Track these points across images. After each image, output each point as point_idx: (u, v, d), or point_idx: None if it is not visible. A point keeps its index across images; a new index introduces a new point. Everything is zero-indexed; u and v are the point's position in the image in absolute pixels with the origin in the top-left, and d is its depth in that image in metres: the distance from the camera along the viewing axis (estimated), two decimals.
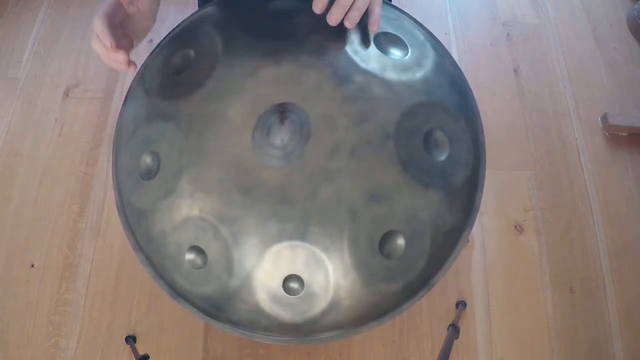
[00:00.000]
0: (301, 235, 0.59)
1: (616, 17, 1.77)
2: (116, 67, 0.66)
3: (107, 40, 0.64)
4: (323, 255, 0.59)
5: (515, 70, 1.65)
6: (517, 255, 1.37)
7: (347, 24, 0.64)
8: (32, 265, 1.32)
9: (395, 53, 0.67)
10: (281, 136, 0.59)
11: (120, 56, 0.65)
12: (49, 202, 1.40)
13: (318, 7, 0.63)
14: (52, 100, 1.55)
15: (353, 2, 0.64)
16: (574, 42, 1.72)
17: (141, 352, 1.14)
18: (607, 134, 1.55)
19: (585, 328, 1.29)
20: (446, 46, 0.77)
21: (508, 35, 1.72)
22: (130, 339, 1.21)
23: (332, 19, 0.64)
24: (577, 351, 1.27)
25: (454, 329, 1.10)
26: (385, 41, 0.67)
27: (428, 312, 1.28)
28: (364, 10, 0.64)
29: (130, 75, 1.53)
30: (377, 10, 0.67)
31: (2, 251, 1.34)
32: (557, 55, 1.69)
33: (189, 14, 0.77)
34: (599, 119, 1.57)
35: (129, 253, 1.30)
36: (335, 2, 0.64)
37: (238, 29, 0.67)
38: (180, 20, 0.77)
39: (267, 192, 0.59)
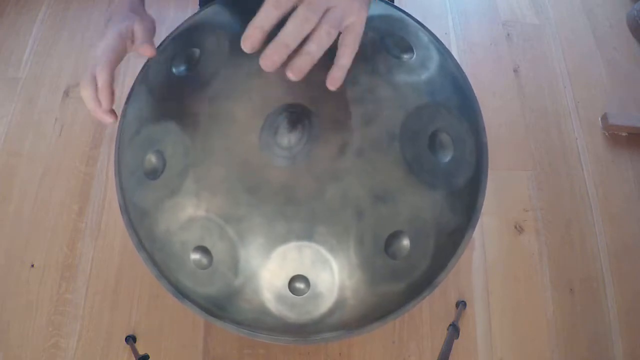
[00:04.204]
0: (308, 235, 0.59)
1: (616, 17, 1.78)
2: (98, 119, 0.61)
3: (107, 101, 0.59)
4: (329, 255, 0.59)
5: (515, 70, 1.65)
6: (517, 255, 1.37)
7: (289, 75, 0.49)
8: (32, 265, 1.32)
9: (401, 55, 0.67)
10: (288, 136, 0.59)
11: (109, 119, 0.61)
12: (49, 202, 1.40)
13: (247, 44, 0.49)
14: (52, 100, 1.55)
15: (305, 43, 0.49)
16: (574, 42, 1.72)
17: (141, 352, 1.14)
18: (607, 134, 1.55)
19: (585, 328, 1.29)
20: (446, 46, 0.77)
21: (508, 35, 1.72)
22: (130, 339, 1.21)
23: (266, 63, 0.48)
24: (577, 351, 1.27)
25: (454, 329, 1.10)
26: (391, 43, 0.67)
27: (428, 312, 1.28)
28: (318, 56, 0.49)
29: (131, 75, 1.53)
30: (346, 59, 0.51)
31: (2, 251, 1.34)
32: (557, 55, 1.69)
33: (190, 14, 0.77)
34: (599, 119, 1.57)
35: (129, 253, 1.31)
36: (274, 39, 0.48)
37: (244, 29, 0.67)
38: (180, 21, 0.77)
39: (274, 192, 0.59)
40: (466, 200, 0.67)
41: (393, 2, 1.00)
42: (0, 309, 1.27)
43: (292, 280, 0.60)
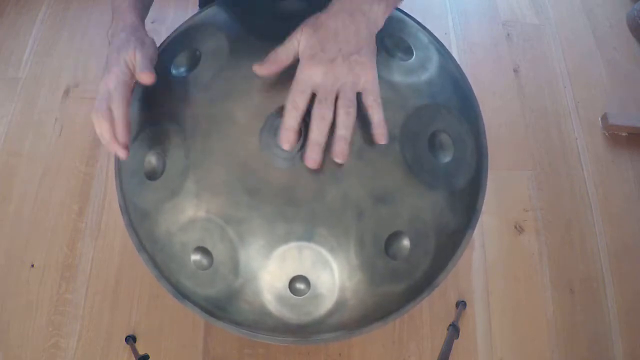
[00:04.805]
0: (308, 236, 0.59)
1: (616, 17, 1.78)
2: (112, 152, 0.61)
3: (125, 137, 0.59)
4: (329, 256, 0.59)
5: (515, 70, 1.65)
6: (517, 255, 1.37)
7: (338, 161, 0.55)
8: (32, 265, 1.32)
9: (401, 56, 0.67)
10: None
11: (124, 154, 0.61)
12: (49, 202, 1.40)
13: (287, 146, 0.55)
14: (52, 100, 1.55)
15: (335, 131, 0.54)
16: (574, 42, 1.72)
17: (141, 352, 1.14)
18: (607, 134, 1.55)
19: (585, 328, 1.29)
20: (446, 46, 0.77)
21: (508, 35, 1.72)
22: (130, 339, 1.21)
23: (311, 164, 0.55)
24: (577, 351, 1.27)
25: (454, 329, 1.10)
26: (390, 44, 0.67)
27: (428, 312, 1.28)
28: (350, 135, 0.54)
29: None
30: (378, 116, 0.56)
31: (2, 251, 1.34)
32: (557, 55, 1.69)
33: (190, 15, 0.77)
34: (599, 119, 1.57)
35: (129, 253, 1.31)
36: (308, 142, 0.55)
37: (244, 30, 0.67)
38: (180, 21, 0.77)
39: (274, 193, 0.59)
40: (466, 201, 0.67)
41: None
42: (0, 309, 1.27)
43: (293, 281, 0.60)
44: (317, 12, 0.59)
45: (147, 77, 0.60)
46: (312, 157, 0.54)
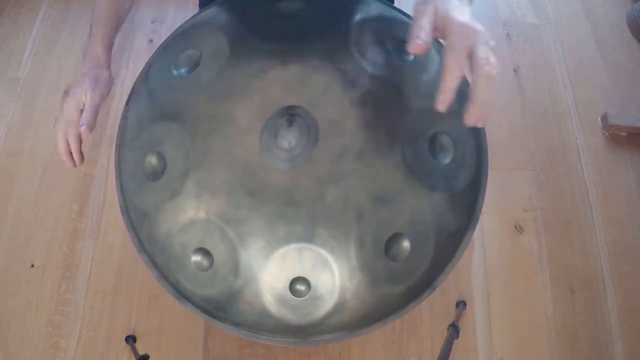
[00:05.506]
0: (308, 237, 0.59)
1: (616, 17, 1.77)
2: (62, 157, 0.74)
3: (79, 162, 0.74)
4: (329, 258, 0.59)
5: (515, 70, 1.65)
6: (517, 255, 1.37)
7: (481, 124, 0.54)
8: (32, 265, 1.32)
9: (401, 57, 0.67)
10: (289, 139, 0.59)
11: (75, 164, 0.75)
12: (49, 202, 1.40)
13: (444, 106, 0.53)
14: (52, 100, 1.55)
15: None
16: (574, 42, 1.72)
17: (141, 352, 1.14)
18: (607, 134, 1.55)
19: (585, 328, 1.29)
20: None
21: (508, 35, 1.72)
22: (130, 339, 1.21)
23: (472, 120, 0.53)
24: (577, 351, 1.27)
25: (454, 329, 1.10)
26: (391, 45, 0.67)
27: (428, 312, 1.28)
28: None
29: (131, 75, 1.54)
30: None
31: (2, 251, 1.34)
32: (557, 55, 1.69)
33: (190, 14, 0.77)
34: (599, 119, 1.57)
35: (129, 253, 1.30)
36: (475, 101, 0.52)
37: (245, 30, 0.67)
38: (180, 21, 0.77)
39: (275, 194, 0.59)
40: (466, 202, 0.67)
41: (393, 3, 1.00)
42: (0, 309, 1.27)
43: (293, 282, 0.60)
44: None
45: (84, 131, 0.71)
46: (482, 112, 0.53)
